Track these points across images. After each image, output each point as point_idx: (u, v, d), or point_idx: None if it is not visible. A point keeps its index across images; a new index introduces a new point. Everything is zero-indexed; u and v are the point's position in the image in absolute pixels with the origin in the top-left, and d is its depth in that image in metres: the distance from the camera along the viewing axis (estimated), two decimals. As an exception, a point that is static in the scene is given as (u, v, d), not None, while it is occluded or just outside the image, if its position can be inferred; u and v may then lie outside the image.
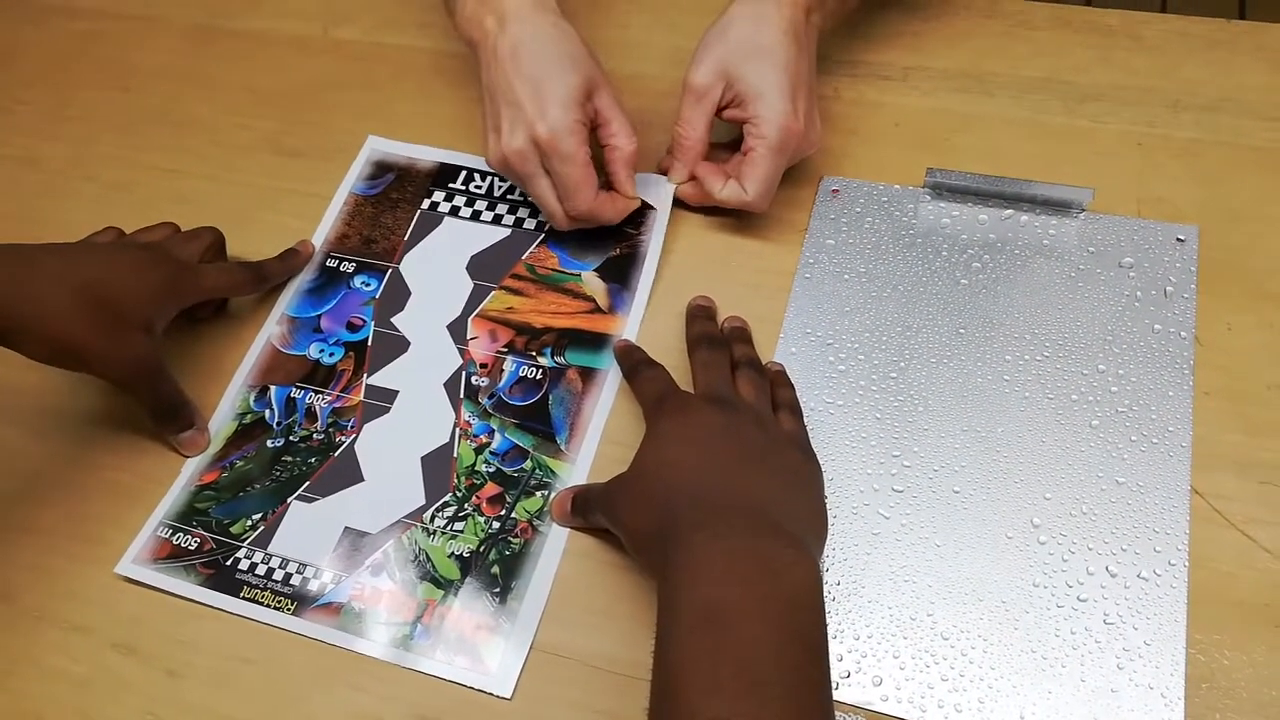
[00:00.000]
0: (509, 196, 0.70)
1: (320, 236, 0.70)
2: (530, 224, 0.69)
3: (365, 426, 0.62)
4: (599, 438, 0.60)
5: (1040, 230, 0.63)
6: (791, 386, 0.58)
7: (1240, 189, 0.63)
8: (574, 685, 0.53)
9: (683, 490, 0.48)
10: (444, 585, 0.56)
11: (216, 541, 0.59)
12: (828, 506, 0.54)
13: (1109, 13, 0.72)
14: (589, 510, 0.55)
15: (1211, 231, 0.61)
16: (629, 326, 0.63)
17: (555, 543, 0.56)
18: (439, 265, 0.68)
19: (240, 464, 0.61)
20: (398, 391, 0.63)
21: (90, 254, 0.57)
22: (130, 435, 0.63)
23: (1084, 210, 0.63)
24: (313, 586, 0.56)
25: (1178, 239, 0.61)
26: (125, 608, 0.58)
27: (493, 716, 0.52)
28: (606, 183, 0.65)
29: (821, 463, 0.54)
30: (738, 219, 0.66)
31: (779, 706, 0.37)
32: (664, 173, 0.67)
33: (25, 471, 0.63)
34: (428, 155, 0.73)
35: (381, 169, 0.73)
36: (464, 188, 0.71)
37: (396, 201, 0.71)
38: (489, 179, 0.71)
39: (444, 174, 0.72)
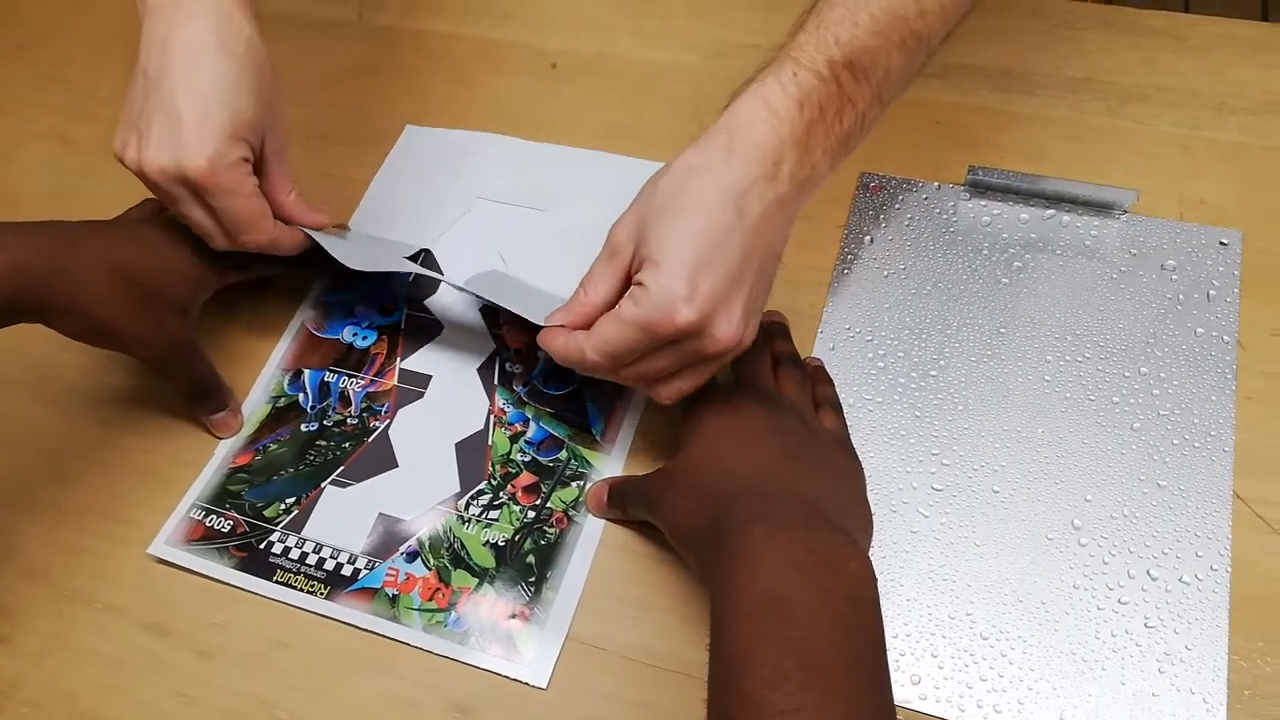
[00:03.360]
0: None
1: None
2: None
3: (399, 412, 0.61)
4: (635, 429, 0.59)
5: (1082, 231, 0.62)
6: (832, 383, 0.58)
7: (1285, 194, 0.63)
8: (609, 676, 0.52)
9: (734, 484, 0.48)
10: (479, 573, 0.55)
11: (249, 524, 0.58)
12: (867, 504, 0.54)
13: (1154, 14, 0.71)
14: (627, 502, 0.55)
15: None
16: (665, 318, 0.63)
17: (591, 533, 0.56)
18: (472, 248, 0.67)
19: (274, 447, 0.61)
20: (431, 376, 0.63)
21: (129, 233, 0.57)
22: (162, 417, 0.63)
23: (1126, 212, 0.62)
24: (346, 571, 0.56)
25: (1221, 243, 0.60)
26: (157, 589, 0.58)
27: (528, 706, 0.52)
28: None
29: (861, 460, 0.54)
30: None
31: (845, 700, 0.37)
32: None
33: (56, 451, 0.63)
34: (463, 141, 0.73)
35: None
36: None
37: (431, 188, 0.71)
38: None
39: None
